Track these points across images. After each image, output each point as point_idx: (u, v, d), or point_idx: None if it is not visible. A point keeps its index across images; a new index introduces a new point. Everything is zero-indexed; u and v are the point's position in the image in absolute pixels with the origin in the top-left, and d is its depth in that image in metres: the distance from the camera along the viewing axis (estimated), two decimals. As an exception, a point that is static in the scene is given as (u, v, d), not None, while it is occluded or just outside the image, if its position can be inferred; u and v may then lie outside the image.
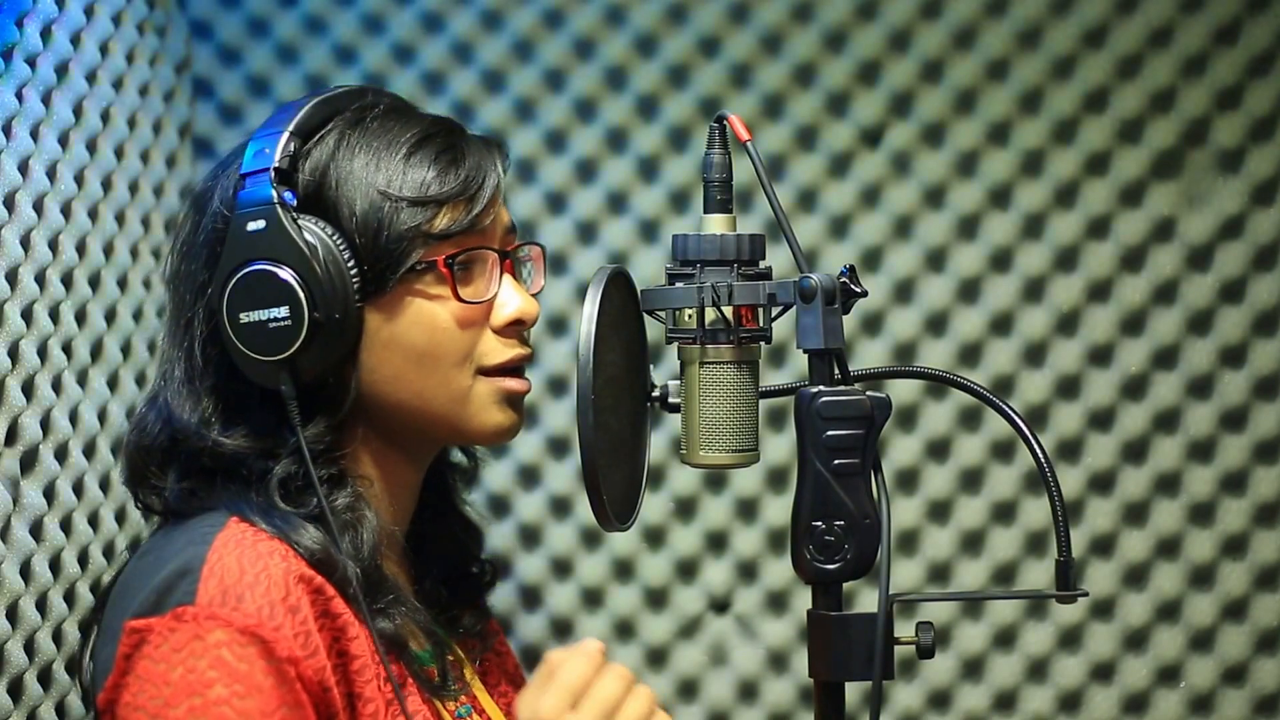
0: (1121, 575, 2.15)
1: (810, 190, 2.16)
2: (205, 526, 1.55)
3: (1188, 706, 2.14)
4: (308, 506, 1.58)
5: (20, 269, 1.70)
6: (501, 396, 1.66)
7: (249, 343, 1.56)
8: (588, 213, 2.19)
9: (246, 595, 1.48)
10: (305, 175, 1.59)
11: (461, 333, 1.63)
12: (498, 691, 1.80)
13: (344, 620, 1.54)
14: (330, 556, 1.56)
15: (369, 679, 1.55)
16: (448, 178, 1.62)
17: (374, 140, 1.62)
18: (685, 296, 1.50)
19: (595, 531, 2.19)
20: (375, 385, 1.62)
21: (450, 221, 1.61)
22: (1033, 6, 2.11)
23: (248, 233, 1.56)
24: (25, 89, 1.75)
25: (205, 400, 1.61)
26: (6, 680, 1.62)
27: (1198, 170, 2.11)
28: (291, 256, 1.55)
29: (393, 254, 1.58)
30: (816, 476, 1.45)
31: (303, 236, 1.56)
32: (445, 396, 1.64)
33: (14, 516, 1.65)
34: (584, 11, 2.16)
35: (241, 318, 1.56)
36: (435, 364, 1.62)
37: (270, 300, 1.55)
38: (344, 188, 1.59)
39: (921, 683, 2.17)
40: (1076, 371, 2.15)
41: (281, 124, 1.60)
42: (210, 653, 1.45)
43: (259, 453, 1.60)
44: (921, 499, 2.17)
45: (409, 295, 1.61)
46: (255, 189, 1.57)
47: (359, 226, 1.58)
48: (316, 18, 2.20)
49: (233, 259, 1.57)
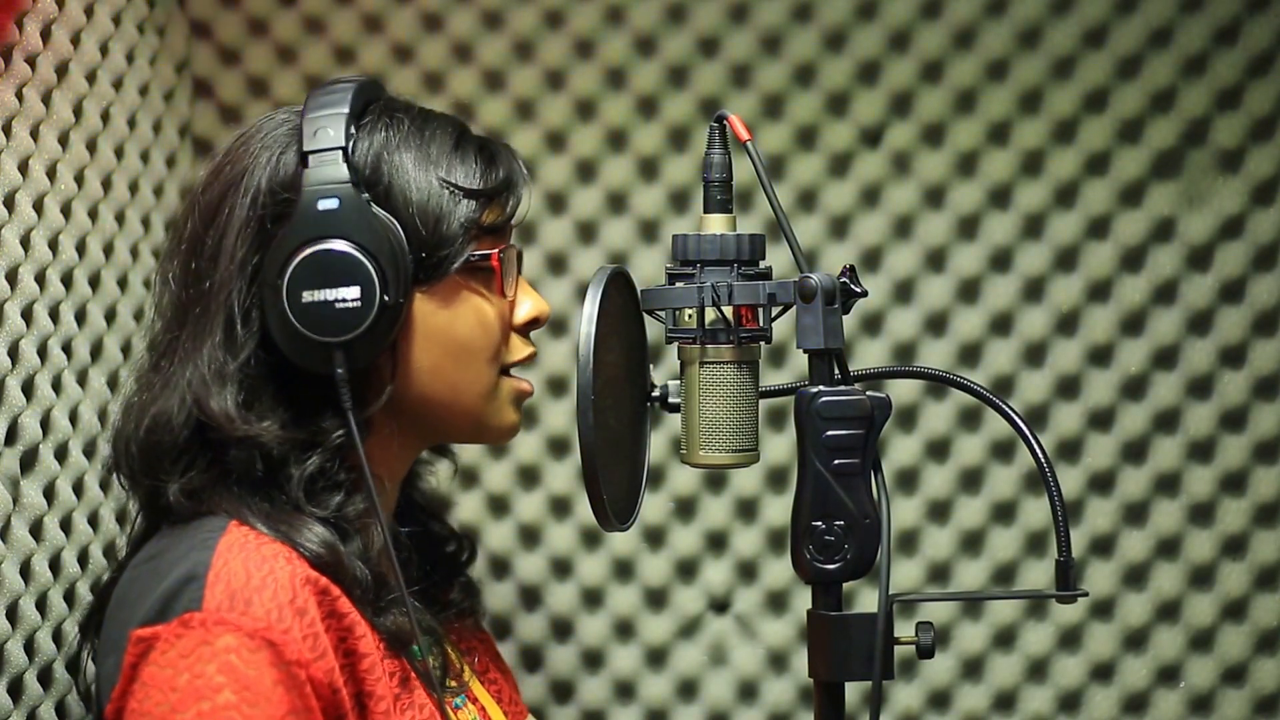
0: (1121, 575, 2.15)
1: (810, 190, 2.16)
2: (205, 532, 1.54)
3: (1187, 707, 2.14)
4: (327, 508, 1.57)
5: (20, 268, 1.70)
6: (516, 396, 1.69)
7: (309, 323, 1.53)
8: (587, 212, 2.19)
9: (254, 599, 1.46)
10: (359, 160, 1.58)
11: (499, 329, 1.65)
12: (487, 679, 1.80)
13: (350, 620, 1.53)
14: (338, 558, 1.55)
15: (379, 676, 1.54)
16: (492, 172, 1.64)
17: (419, 132, 1.62)
18: (685, 296, 1.51)
19: (595, 531, 2.19)
20: (411, 376, 1.61)
21: (496, 216, 1.64)
22: (1033, 6, 2.11)
23: (319, 211, 1.54)
24: (25, 88, 1.74)
25: (237, 387, 1.57)
26: (6, 680, 1.63)
27: (1197, 170, 2.11)
28: (365, 237, 1.53)
29: (453, 243, 1.59)
30: (816, 476, 1.46)
31: (378, 218, 1.55)
32: (474, 392, 1.64)
33: (14, 516, 1.65)
34: (584, 11, 2.16)
35: (304, 296, 1.53)
36: (472, 359, 1.63)
37: (341, 280, 1.53)
38: (399, 176, 1.58)
39: (921, 683, 2.18)
40: (1076, 371, 2.14)
41: (335, 106, 1.58)
42: (219, 658, 1.44)
43: (292, 444, 1.57)
44: (921, 499, 2.17)
45: (460, 288, 1.61)
46: (325, 168, 1.55)
47: (417, 213, 1.57)
48: (316, 18, 2.20)
49: (299, 236, 1.54)
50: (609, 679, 2.21)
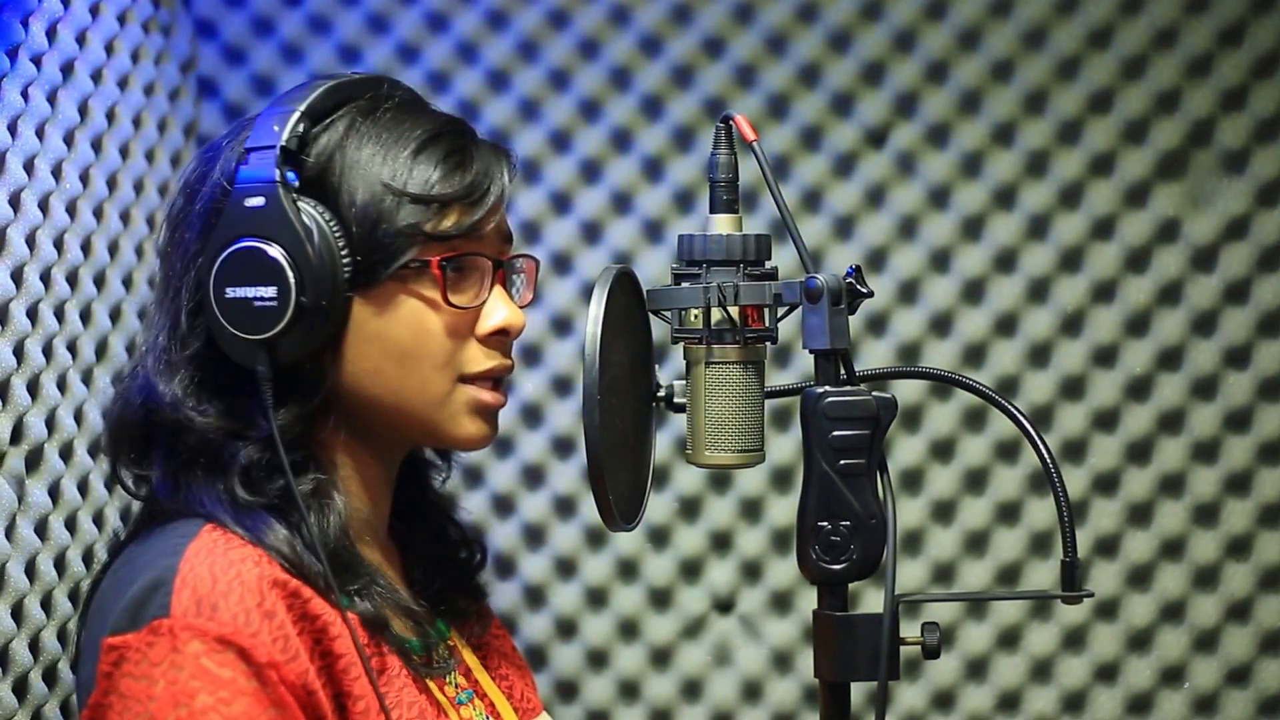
0: (1125, 576, 2.15)
1: (815, 191, 2.16)
2: (177, 537, 1.53)
3: (1191, 707, 2.14)
4: (269, 495, 1.57)
5: (25, 268, 1.70)
6: (476, 407, 1.64)
7: (232, 319, 1.54)
8: (592, 213, 2.19)
9: (220, 603, 1.46)
10: (310, 157, 1.58)
11: (446, 337, 1.61)
12: (499, 675, 1.79)
13: (324, 621, 1.52)
14: (297, 553, 1.54)
15: (356, 675, 1.53)
16: (454, 179, 1.60)
17: (384, 132, 1.60)
18: (691, 296, 1.50)
19: (599, 531, 2.19)
20: (353, 377, 1.60)
21: (450, 224, 1.60)
22: (1037, 7, 2.11)
23: (245, 209, 1.54)
24: (30, 88, 1.75)
25: (183, 373, 1.58)
26: (12, 679, 1.63)
27: (1202, 171, 2.12)
28: (285, 237, 1.53)
29: (388, 248, 1.57)
30: (822, 477, 1.45)
31: (300, 219, 1.54)
32: (421, 398, 1.62)
33: (19, 515, 1.65)
34: (589, 12, 2.17)
35: (228, 293, 1.54)
36: (416, 364, 1.61)
37: (258, 279, 1.53)
38: (348, 175, 1.57)
39: (926, 683, 2.17)
40: (1081, 372, 2.15)
41: (293, 102, 1.58)
42: (190, 663, 1.44)
43: (228, 433, 1.57)
44: (926, 499, 2.17)
45: (399, 292, 1.59)
46: (259, 165, 1.54)
47: (358, 215, 1.56)
48: (321, 17, 2.20)
49: (227, 232, 1.55)
50: (613, 679, 2.21)
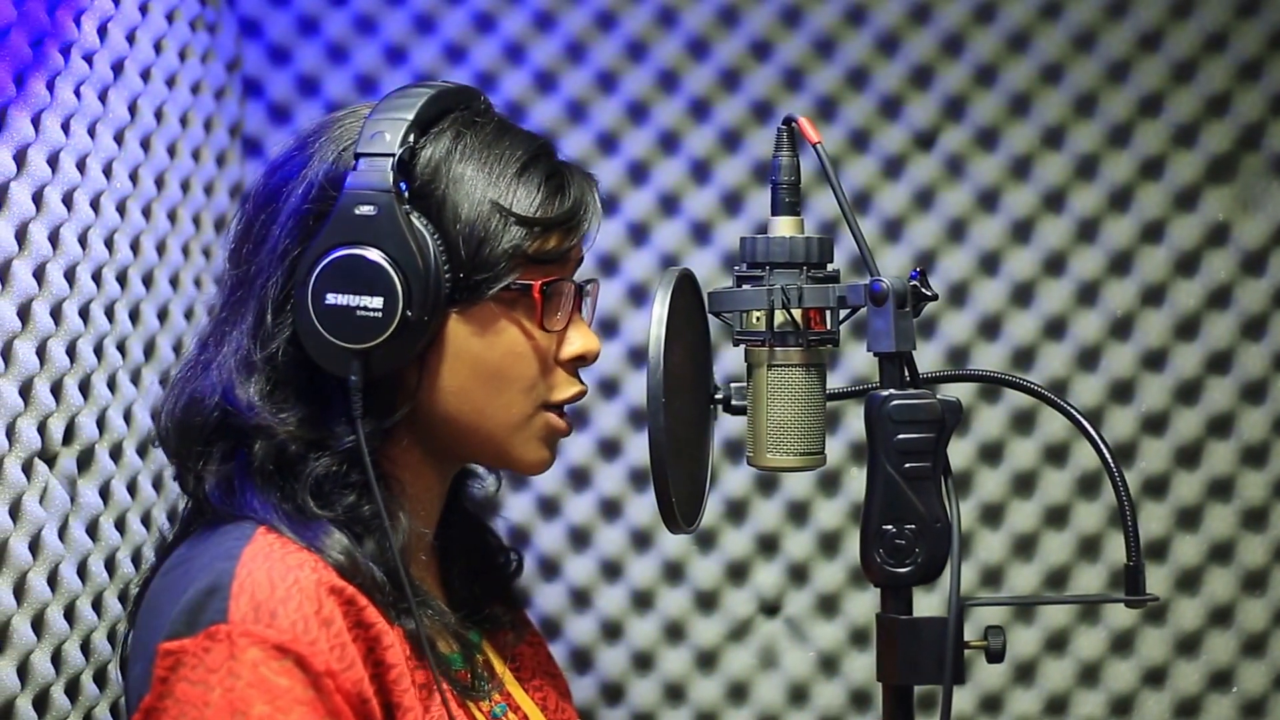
0: (1174, 580, 2.14)
1: (864, 193, 2.15)
2: (232, 540, 1.52)
3: (1239, 711, 2.13)
4: (336, 509, 1.56)
5: (78, 267, 1.69)
6: (550, 433, 1.65)
7: (329, 326, 1.52)
8: (639, 214, 2.19)
9: (279, 610, 1.45)
10: (418, 169, 1.56)
11: (535, 361, 1.61)
12: (532, 686, 1.79)
13: (377, 630, 1.52)
14: (356, 564, 1.53)
15: (406, 687, 1.53)
16: (554, 202, 1.59)
17: (487, 149, 1.59)
18: (754, 299, 1.50)
19: (645, 533, 2.19)
20: (438, 394, 1.59)
21: (551, 247, 1.60)
22: (1087, 10, 2.11)
23: (355, 215, 1.52)
24: (83, 86, 1.74)
25: (259, 376, 1.56)
26: (64, 681, 1.62)
27: (1252, 175, 2.11)
28: (397, 249, 1.51)
29: (494, 268, 1.55)
30: (887, 480, 1.45)
31: (414, 231, 1.52)
32: (502, 421, 1.61)
33: (71, 516, 1.65)
34: (636, 13, 2.16)
35: (327, 299, 1.52)
36: (504, 386, 1.60)
37: (364, 288, 1.51)
38: (454, 190, 1.56)
39: (974, 686, 2.17)
40: (1130, 376, 2.14)
41: (401, 111, 1.56)
42: (247, 671, 1.42)
43: (307, 442, 1.56)
44: (974, 502, 2.16)
45: (497, 312, 1.58)
46: (371, 173, 1.52)
47: (463, 232, 1.55)
48: (367, 17, 2.19)
49: (334, 237, 1.52)
50: (659, 681, 2.20)
